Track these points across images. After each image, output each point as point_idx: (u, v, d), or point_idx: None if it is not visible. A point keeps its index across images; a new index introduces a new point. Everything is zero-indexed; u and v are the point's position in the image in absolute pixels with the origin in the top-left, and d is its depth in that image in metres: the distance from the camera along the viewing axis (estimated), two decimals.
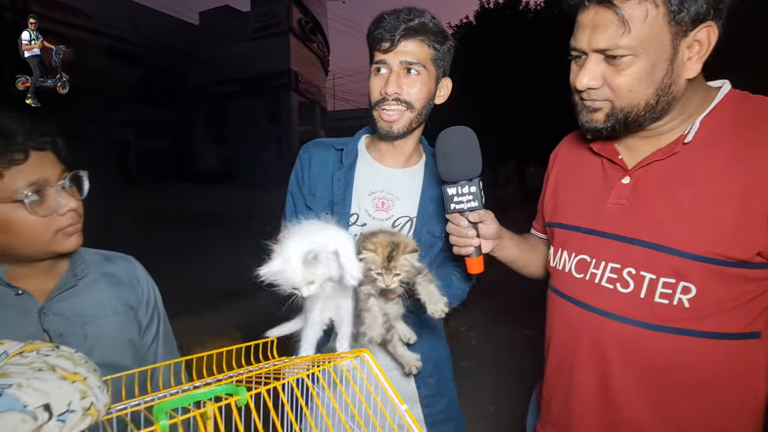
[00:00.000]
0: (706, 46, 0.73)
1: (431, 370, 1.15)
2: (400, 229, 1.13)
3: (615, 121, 0.81)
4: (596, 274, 0.87)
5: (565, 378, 0.94)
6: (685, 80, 0.76)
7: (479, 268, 0.96)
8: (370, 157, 1.19)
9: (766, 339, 0.78)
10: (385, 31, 1.00)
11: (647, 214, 0.81)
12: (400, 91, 1.03)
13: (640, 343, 0.81)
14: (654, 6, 0.71)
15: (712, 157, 0.76)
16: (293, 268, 0.78)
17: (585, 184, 0.95)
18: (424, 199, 1.14)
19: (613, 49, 0.75)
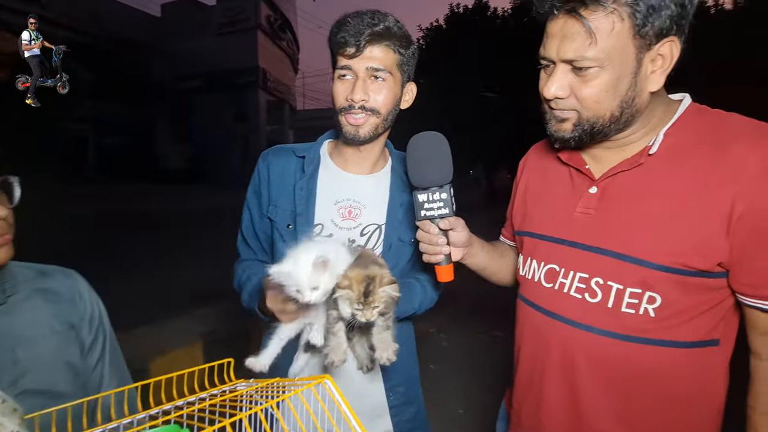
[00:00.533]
0: (669, 60, 0.75)
1: (401, 378, 1.13)
2: (368, 237, 1.10)
3: (582, 131, 0.82)
4: (565, 284, 0.87)
5: (535, 389, 0.94)
6: (649, 93, 0.77)
7: (449, 276, 0.95)
8: (334, 164, 1.15)
9: (723, 345, 0.80)
10: (349, 36, 0.96)
11: (614, 224, 0.82)
12: (367, 98, 1.00)
13: (608, 353, 0.82)
14: (620, 19, 0.71)
15: (675, 169, 0.77)
16: (303, 269, 0.78)
17: (553, 193, 0.95)
18: (392, 205, 1.11)
19: (580, 60, 0.75)
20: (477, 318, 4.19)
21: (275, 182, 1.12)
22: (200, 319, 3.67)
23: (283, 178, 1.12)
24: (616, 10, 0.71)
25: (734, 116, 0.79)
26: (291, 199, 1.09)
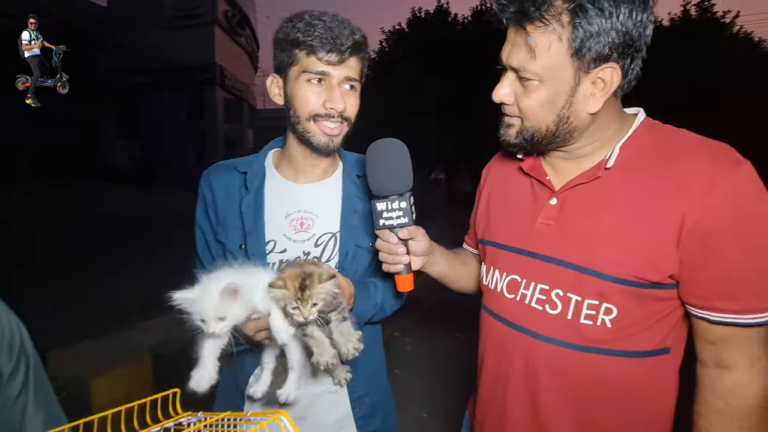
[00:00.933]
0: (609, 85, 0.75)
1: (366, 387, 1.10)
2: (323, 247, 1.06)
3: (523, 139, 0.84)
4: (526, 295, 0.88)
5: (498, 401, 0.94)
6: (588, 113, 0.78)
7: (409, 285, 0.93)
8: (280, 175, 1.10)
9: (674, 353, 0.83)
10: (328, 42, 0.92)
11: (573, 236, 0.83)
12: (345, 108, 0.97)
13: (568, 364, 0.83)
14: (558, 39, 0.73)
15: (630, 183, 0.79)
16: (209, 297, 0.73)
17: (515, 203, 0.96)
18: (346, 211, 1.08)
19: (523, 71, 0.77)
20: (440, 321, 4.23)
21: (221, 203, 1.06)
22: (148, 332, 3.44)
23: (228, 198, 1.06)
24: (555, 29, 0.72)
25: (683, 132, 0.82)
26: (239, 218, 1.03)
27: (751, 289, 0.73)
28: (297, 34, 0.94)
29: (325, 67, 0.94)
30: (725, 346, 0.76)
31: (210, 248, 1.09)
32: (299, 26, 0.94)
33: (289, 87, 0.99)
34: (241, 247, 1.03)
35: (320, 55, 0.93)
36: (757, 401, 0.74)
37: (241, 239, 1.03)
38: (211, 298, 0.73)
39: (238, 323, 0.78)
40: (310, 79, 0.96)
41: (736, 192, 0.71)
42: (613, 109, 0.82)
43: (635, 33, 0.72)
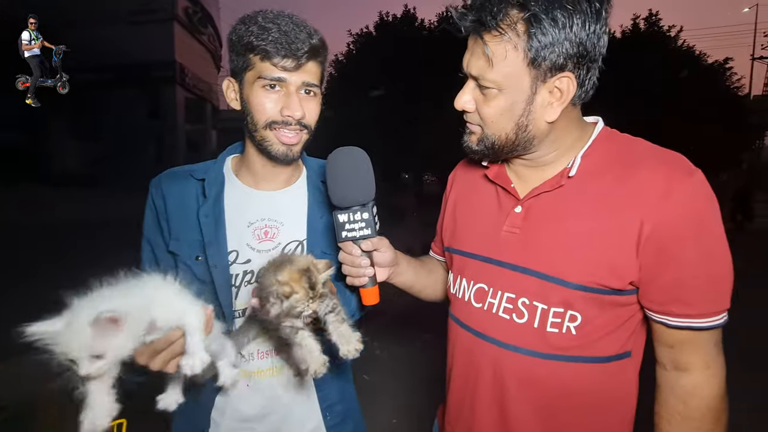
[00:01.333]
0: (566, 94, 0.77)
1: (337, 396, 1.07)
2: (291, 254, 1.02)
3: (485, 146, 0.85)
4: (494, 304, 0.88)
5: (467, 410, 0.93)
6: (546, 122, 0.80)
7: (375, 299, 0.91)
8: (241, 182, 1.04)
9: (634, 357, 0.86)
10: (284, 47, 0.87)
11: (538, 244, 0.84)
12: (303, 115, 0.93)
13: (535, 373, 0.83)
14: (514, 48, 0.74)
15: (591, 191, 0.81)
16: (75, 331, 0.58)
17: (481, 211, 0.96)
18: (312, 218, 1.04)
19: (482, 80, 0.78)
20: (408, 324, 4.23)
21: (174, 212, 0.98)
22: None
23: (182, 207, 0.98)
24: (511, 39, 0.74)
25: (640, 141, 0.85)
26: (196, 229, 0.96)
27: (705, 293, 0.76)
28: (251, 38, 0.89)
29: (281, 73, 0.90)
30: (682, 350, 0.79)
31: (159, 263, 1.01)
32: (253, 29, 0.89)
33: (245, 92, 0.94)
34: (198, 258, 0.97)
35: (275, 60, 0.88)
36: (714, 402, 0.77)
37: (198, 250, 0.96)
38: (79, 331, 0.58)
39: (125, 358, 0.65)
40: (265, 85, 0.91)
41: (689, 201, 0.74)
42: (573, 118, 0.84)
43: (589, 44, 0.74)
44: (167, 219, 0.99)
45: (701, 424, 0.77)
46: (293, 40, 0.87)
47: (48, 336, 0.59)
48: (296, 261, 0.77)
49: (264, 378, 1.00)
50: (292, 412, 1.02)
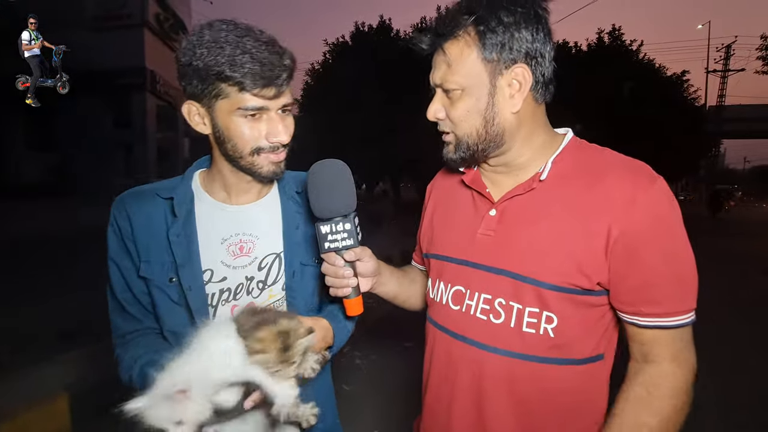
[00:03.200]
0: (524, 84, 0.83)
1: (320, 416, 1.04)
2: (268, 269, 1.00)
3: (462, 151, 0.89)
4: (471, 306, 0.89)
5: (444, 412, 0.93)
6: (512, 113, 0.85)
7: (359, 309, 0.91)
8: (212, 198, 1.00)
9: (606, 359, 0.88)
10: (260, 78, 0.83)
11: (512, 245, 0.86)
12: (289, 137, 0.93)
13: (513, 374, 0.85)
14: (468, 47, 0.82)
15: (562, 195, 0.85)
16: (156, 405, 0.68)
17: (458, 216, 0.98)
18: (287, 229, 1.02)
19: (446, 84, 0.85)
20: (389, 331, 4.21)
21: (141, 235, 0.94)
22: (66, 365, 3.04)
23: (150, 228, 0.94)
24: (465, 40, 0.82)
25: (607, 151, 0.89)
26: (167, 250, 0.92)
27: (672, 293, 0.80)
28: (222, 68, 0.82)
29: (263, 103, 0.86)
30: (653, 347, 0.82)
31: (131, 288, 0.96)
32: (221, 58, 0.81)
33: (220, 120, 0.89)
34: (172, 281, 0.92)
35: (255, 91, 0.84)
36: (675, 392, 0.80)
37: (171, 272, 0.92)
38: (159, 405, 0.68)
39: (205, 419, 0.70)
40: (246, 115, 0.87)
41: (653, 206, 0.79)
42: (539, 116, 0.89)
43: (534, 41, 0.82)
44: (134, 241, 0.94)
45: (658, 412, 0.79)
46: (271, 68, 0.83)
47: (140, 411, 0.68)
48: (282, 322, 0.74)
49: None
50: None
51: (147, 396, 0.69)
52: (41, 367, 3.02)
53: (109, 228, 0.97)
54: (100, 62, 16.77)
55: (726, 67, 32.62)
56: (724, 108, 32.67)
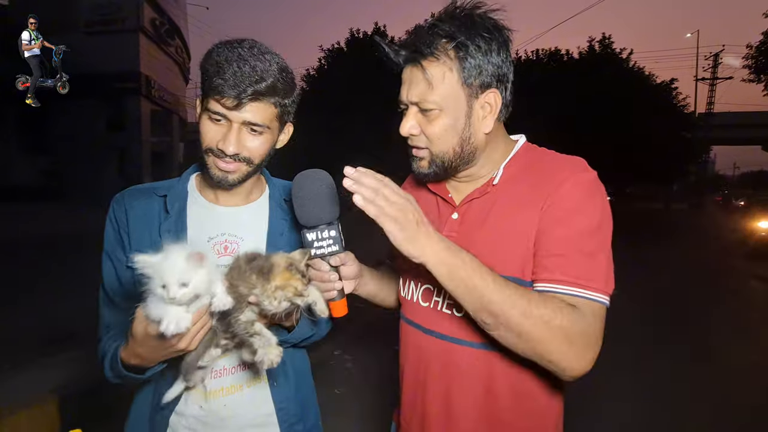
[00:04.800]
0: (495, 107, 0.89)
1: (299, 414, 1.08)
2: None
3: (436, 167, 0.93)
4: (438, 302, 0.95)
5: (419, 406, 0.99)
6: (484, 134, 0.90)
7: (343, 310, 0.94)
8: (204, 198, 1.06)
9: None
10: (228, 87, 0.88)
11: (471, 245, 0.90)
12: (241, 150, 0.95)
13: (476, 361, 0.91)
14: (449, 70, 0.86)
15: (510, 197, 0.91)
16: (172, 261, 0.71)
17: None
18: (272, 234, 1.07)
19: (424, 103, 0.88)
20: (379, 334, 4.22)
21: (136, 228, 0.99)
22: (53, 369, 3.03)
23: (145, 222, 0.99)
24: (446, 62, 0.86)
25: (551, 153, 0.97)
26: (158, 244, 0.96)
27: (571, 266, 0.82)
28: (209, 71, 0.91)
29: (221, 110, 0.91)
30: None
31: (120, 278, 1.00)
32: (212, 64, 0.90)
33: (200, 115, 0.97)
34: None
35: (218, 97, 0.90)
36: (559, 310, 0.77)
37: None
38: (174, 261, 0.71)
39: (200, 294, 0.75)
40: (210, 116, 0.93)
41: (570, 189, 0.85)
42: (500, 134, 0.96)
43: (504, 66, 0.88)
44: (128, 232, 0.99)
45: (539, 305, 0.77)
46: (239, 82, 0.88)
47: (148, 264, 0.71)
48: (276, 262, 0.82)
49: (218, 398, 1.00)
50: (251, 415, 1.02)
51: (161, 255, 0.72)
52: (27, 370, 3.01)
53: (107, 221, 1.02)
54: (95, 66, 16.77)
55: (714, 75, 33.23)
56: (712, 115, 33.16)
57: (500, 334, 0.79)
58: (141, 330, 0.78)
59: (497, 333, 0.79)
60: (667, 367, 4.00)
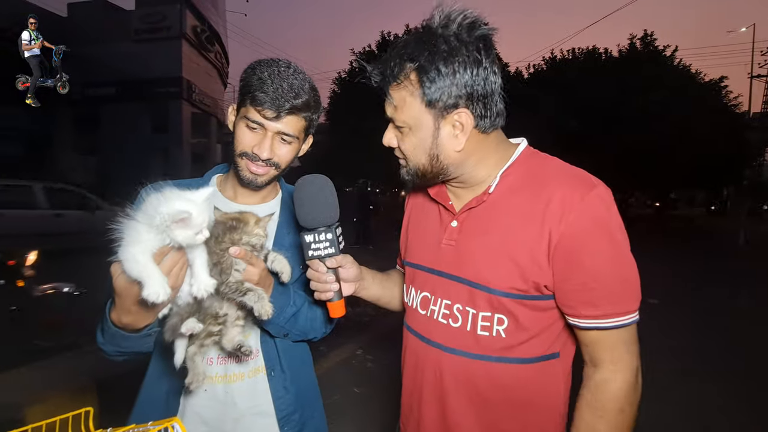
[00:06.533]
0: (466, 126, 0.87)
1: (294, 405, 1.11)
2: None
3: (413, 176, 0.95)
4: (435, 311, 0.96)
5: (415, 412, 1.00)
6: (455, 151, 0.89)
7: (341, 311, 0.98)
8: (222, 195, 1.16)
9: (563, 357, 0.93)
10: (269, 100, 0.99)
11: (468, 254, 0.93)
12: (272, 156, 1.05)
13: (470, 372, 0.91)
14: (411, 95, 0.87)
15: (510, 206, 0.89)
16: (200, 208, 0.77)
17: (426, 226, 1.05)
18: (279, 233, 1.14)
19: (396, 121, 0.91)
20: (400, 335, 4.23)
21: None
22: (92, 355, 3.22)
23: None
24: (407, 87, 0.87)
25: (553, 159, 0.94)
26: None
27: (609, 295, 0.84)
28: (251, 84, 1.01)
29: (260, 119, 1.02)
30: (595, 348, 0.87)
31: None
32: (255, 77, 1.01)
33: (236, 122, 1.07)
34: None
35: (258, 108, 1.00)
36: (617, 394, 0.84)
37: None
38: (201, 209, 0.78)
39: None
40: (248, 124, 1.03)
41: (589, 211, 0.83)
42: (491, 142, 0.93)
43: (476, 84, 0.85)
44: None
45: (603, 414, 0.84)
46: (279, 97, 0.99)
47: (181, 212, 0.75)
48: (244, 217, 0.92)
49: (219, 384, 1.06)
50: (247, 421, 1.07)
51: (182, 201, 0.77)
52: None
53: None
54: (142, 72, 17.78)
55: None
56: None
57: None
58: (122, 284, 0.81)
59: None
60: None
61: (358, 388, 3.46)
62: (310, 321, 1.10)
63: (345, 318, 1.05)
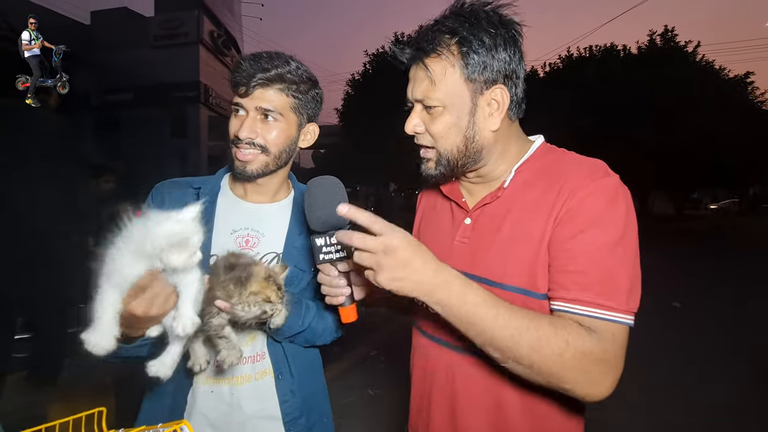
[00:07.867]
0: (502, 104, 0.86)
1: (301, 409, 1.10)
2: (268, 264, 1.08)
3: (443, 167, 0.91)
4: None
5: (424, 413, 0.98)
6: (491, 131, 0.87)
7: (353, 316, 0.95)
8: (233, 194, 1.15)
9: None
10: (241, 77, 1.00)
11: (481, 251, 0.90)
12: (254, 136, 1.02)
13: (479, 370, 0.88)
14: (452, 66, 0.84)
15: (522, 202, 0.87)
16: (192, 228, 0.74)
17: (439, 225, 1.03)
18: (291, 234, 1.12)
19: (427, 100, 0.87)
20: None
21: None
22: None
23: (177, 209, 1.08)
24: (449, 58, 0.84)
25: (569, 154, 0.92)
26: None
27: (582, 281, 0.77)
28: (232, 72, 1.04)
29: (237, 99, 1.03)
30: None
31: None
32: (232, 68, 1.04)
33: None
34: None
35: (236, 89, 1.03)
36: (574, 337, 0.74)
37: None
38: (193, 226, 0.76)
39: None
40: (233, 110, 1.05)
41: (598, 192, 0.79)
42: (513, 132, 0.92)
43: (512, 63, 0.85)
44: None
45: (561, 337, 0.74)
46: (246, 70, 1.00)
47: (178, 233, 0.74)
48: (256, 272, 0.85)
49: (225, 385, 1.05)
50: (253, 424, 1.05)
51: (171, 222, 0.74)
52: None
53: (143, 206, 1.11)
54: (161, 77, 18.21)
55: None
56: None
57: (510, 366, 0.76)
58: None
59: (507, 365, 0.76)
60: None
61: (372, 389, 3.45)
62: (320, 331, 1.09)
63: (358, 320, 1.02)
